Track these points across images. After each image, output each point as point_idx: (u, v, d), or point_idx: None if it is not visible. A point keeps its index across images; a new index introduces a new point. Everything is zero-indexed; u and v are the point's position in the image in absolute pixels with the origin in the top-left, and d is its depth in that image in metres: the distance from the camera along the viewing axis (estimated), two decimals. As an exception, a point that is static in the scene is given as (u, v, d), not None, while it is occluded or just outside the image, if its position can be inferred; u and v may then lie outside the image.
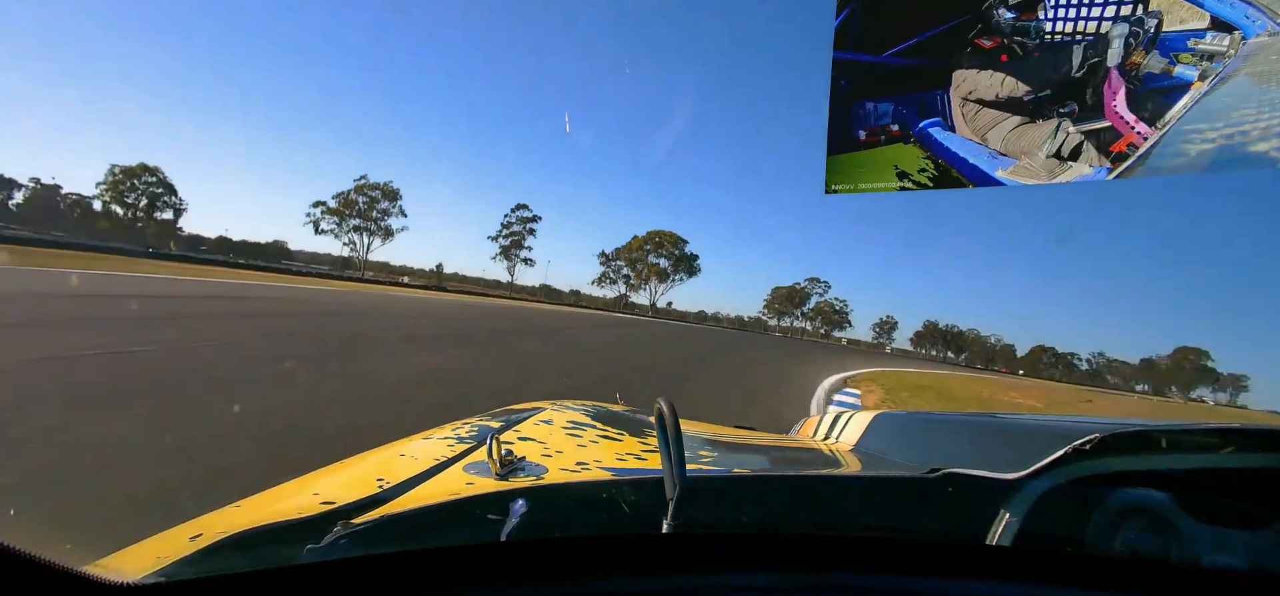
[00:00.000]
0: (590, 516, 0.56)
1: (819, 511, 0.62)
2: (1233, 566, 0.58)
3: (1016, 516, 0.58)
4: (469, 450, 0.89)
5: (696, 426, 1.42)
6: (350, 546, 0.50)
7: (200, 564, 0.48)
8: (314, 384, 4.98)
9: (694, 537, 0.56)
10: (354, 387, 5.11)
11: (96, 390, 3.82)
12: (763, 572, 0.54)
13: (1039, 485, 0.61)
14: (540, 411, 1.25)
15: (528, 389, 6.34)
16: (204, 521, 0.63)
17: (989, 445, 1.14)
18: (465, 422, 1.15)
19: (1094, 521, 0.60)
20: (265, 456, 3.06)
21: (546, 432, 1.05)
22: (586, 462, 0.88)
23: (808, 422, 1.71)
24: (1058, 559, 0.59)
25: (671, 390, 7.84)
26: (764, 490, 0.66)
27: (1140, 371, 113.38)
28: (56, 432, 2.99)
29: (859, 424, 1.41)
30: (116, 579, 0.43)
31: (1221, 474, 0.62)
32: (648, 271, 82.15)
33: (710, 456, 1.07)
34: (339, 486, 0.74)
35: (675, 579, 0.53)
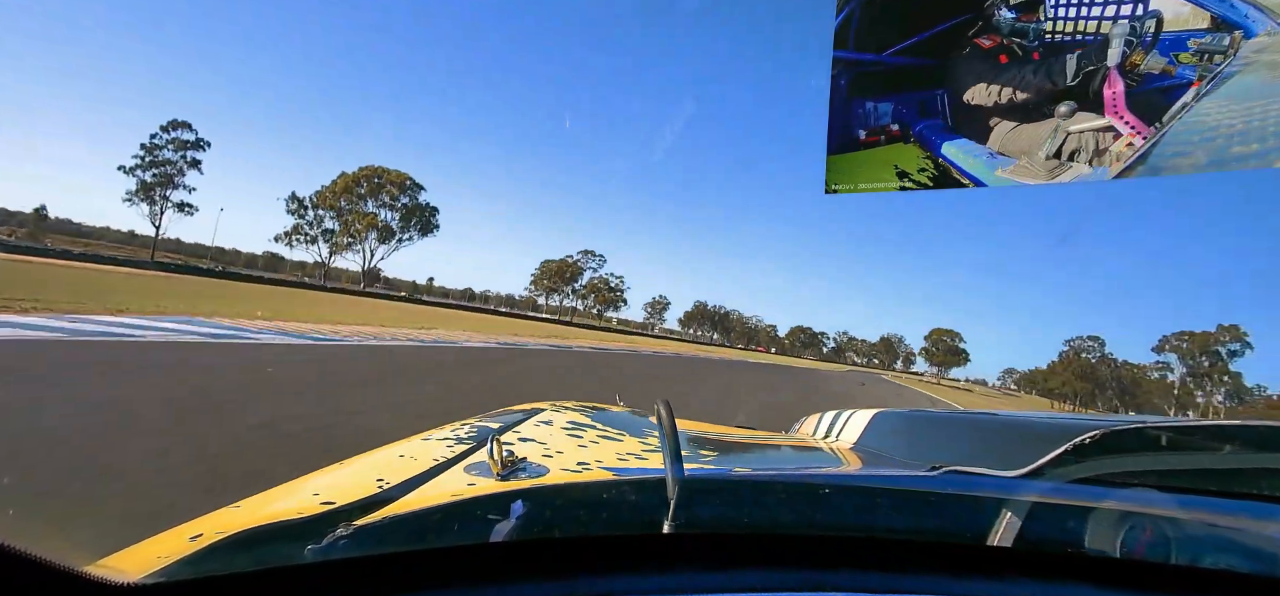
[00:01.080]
0: (590, 516, 0.55)
1: (819, 511, 0.61)
2: (1233, 567, 0.58)
3: (1018, 515, 0.58)
4: (469, 451, 0.88)
5: (697, 426, 1.46)
6: (351, 546, 0.49)
7: (200, 563, 0.48)
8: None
9: (694, 537, 0.55)
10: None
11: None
12: (763, 572, 0.53)
13: (1040, 483, 0.62)
14: (540, 412, 1.25)
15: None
16: (204, 521, 0.62)
17: (990, 443, 1.14)
18: (464, 424, 1.14)
19: (1094, 521, 0.59)
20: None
21: (547, 433, 1.05)
22: (587, 462, 0.88)
23: (807, 421, 1.70)
24: (1058, 559, 0.58)
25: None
26: (764, 489, 0.66)
27: (877, 348, 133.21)
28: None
29: (859, 422, 1.41)
30: (116, 578, 0.43)
31: (1222, 474, 0.63)
32: (360, 224, 65.61)
33: (710, 456, 1.08)
34: (339, 487, 0.74)
35: (676, 578, 0.53)
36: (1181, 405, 69.30)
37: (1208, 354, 68.18)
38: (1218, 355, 67.35)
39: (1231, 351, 67.19)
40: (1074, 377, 79.34)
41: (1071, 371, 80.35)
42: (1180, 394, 69.37)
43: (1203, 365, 68.42)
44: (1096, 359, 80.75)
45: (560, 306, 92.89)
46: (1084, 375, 78.88)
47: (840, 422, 1.49)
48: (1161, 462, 0.63)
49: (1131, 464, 0.63)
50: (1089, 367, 79.64)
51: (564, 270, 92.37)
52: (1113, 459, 0.62)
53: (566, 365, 15.77)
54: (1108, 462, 0.62)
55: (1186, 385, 69.00)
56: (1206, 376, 68.11)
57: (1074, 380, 79.08)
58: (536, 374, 12.59)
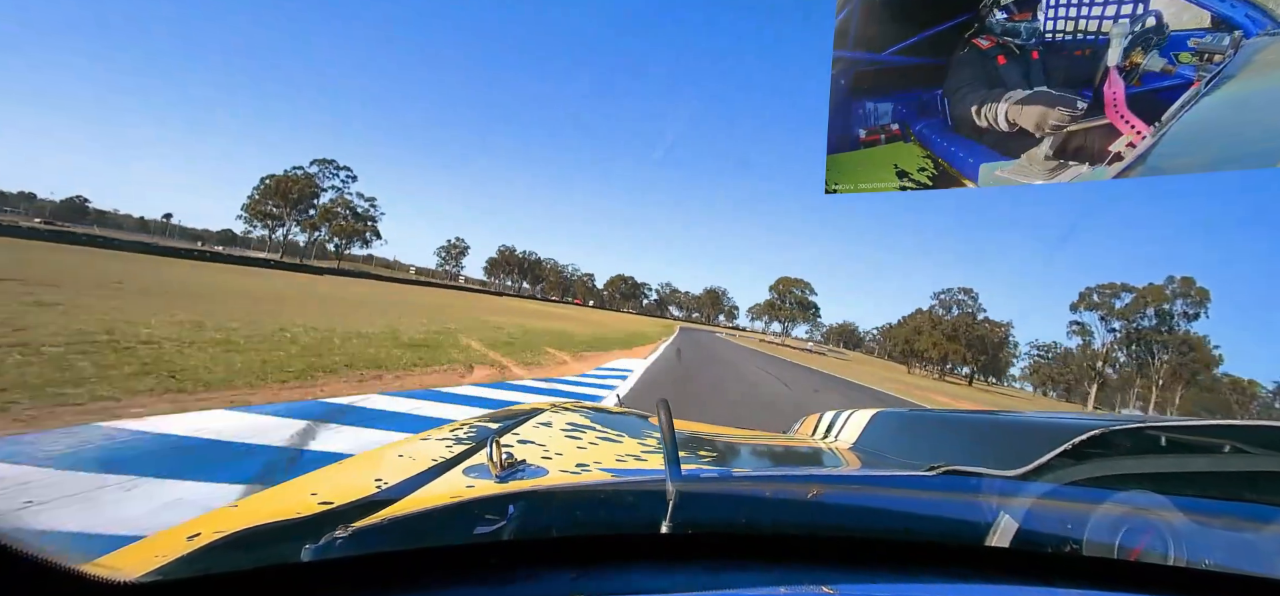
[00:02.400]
0: (589, 518, 0.56)
1: (817, 512, 0.62)
2: (1231, 567, 0.59)
3: (1015, 516, 0.58)
4: (468, 452, 0.87)
5: (696, 426, 1.45)
6: (349, 547, 0.49)
7: (198, 563, 0.48)
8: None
9: (693, 538, 0.55)
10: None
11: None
12: (761, 573, 0.54)
13: (1037, 485, 0.62)
14: (539, 413, 1.24)
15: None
16: (202, 521, 0.62)
17: (989, 442, 1.14)
18: (463, 424, 1.14)
19: (1093, 521, 0.60)
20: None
21: (546, 435, 1.04)
22: (586, 464, 0.88)
23: (807, 421, 1.71)
24: (1057, 560, 0.58)
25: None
26: (764, 490, 0.67)
27: (701, 301, 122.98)
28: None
29: (858, 422, 1.41)
30: (115, 577, 0.43)
31: (1218, 477, 0.63)
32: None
33: (709, 457, 1.07)
34: (337, 487, 0.74)
35: (674, 579, 0.52)
36: (1113, 390, 53.35)
37: (1156, 313, 49.15)
38: (1168, 316, 48.60)
39: (1187, 312, 48.25)
40: (943, 338, 63.63)
41: (939, 330, 64.86)
42: (1107, 369, 52.89)
43: (1142, 329, 50.00)
44: (968, 316, 65.84)
45: (284, 240, 63.84)
46: (952, 335, 63.54)
47: (839, 422, 1.48)
48: (1159, 465, 0.63)
49: (1129, 466, 0.64)
50: (961, 325, 64.55)
51: (285, 187, 63.05)
52: (1111, 461, 0.63)
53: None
54: (1105, 464, 0.63)
55: (1116, 357, 52.67)
56: (1144, 344, 49.84)
57: (944, 341, 63.30)
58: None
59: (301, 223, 62.25)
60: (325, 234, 63.64)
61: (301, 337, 7.59)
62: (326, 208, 62.95)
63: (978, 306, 65.73)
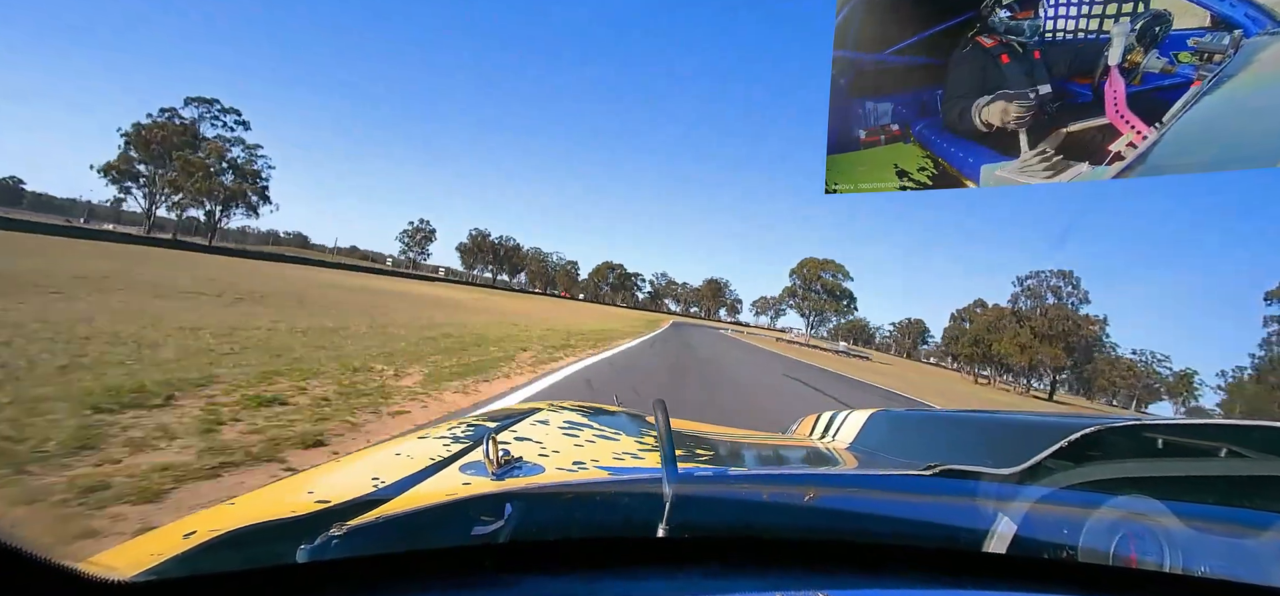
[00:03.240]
0: (586, 518, 0.56)
1: (814, 513, 0.62)
2: (1227, 575, 0.58)
3: (1012, 517, 0.58)
4: (465, 450, 0.87)
5: (694, 426, 1.45)
6: (345, 545, 0.49)
7: (193, 562, 0.48)
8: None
9: (689, 539, 0.55)
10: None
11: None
12: (758, 574, 0.54)
13: (1034, 487, 0.62)
14: (537, 411, 1.24)
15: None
16: (197, 519, 0.62)
17: (986, 442, 1.14)
18: (461, 422, 1.13)
19: (1089, 526, 0.60)
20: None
21: (543, 432, 1.04)
22: (583, 462, 0.88)
23: (805, 421, 1.70)
24: (1054, 565, 0.58)
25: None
26: (760, 490, 0.67)
27: (701, 294, 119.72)
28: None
29: (856, 422, 1.41)
30: (109, 576, 0.43)
31: (1215, 480, 0.63)
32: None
33: (707, 456, 1.07)
34: (334, 485, 0.74)
35: (671, 580, 0.53)
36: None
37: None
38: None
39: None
40: (1031, 337, 46.66)
41: (1027, 327, 47.83)
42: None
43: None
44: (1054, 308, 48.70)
45: (149, 211, 48.10)
46: (1048, 334, 46.44)
47: (837, 422, 1.48)
48: (1156, 468, 0.63)
49: (1127, 469, 0.63)
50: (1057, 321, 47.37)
51: (163, 137, 47.02)
52: (1108, 463, 0.63)
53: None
54: (1102, 465, 0.62)
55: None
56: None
57: (1033, 342, 46.38)
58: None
59: (161, 182, 46.15)
60: (186, 196, 47.09)
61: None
62: (188, 160, 46.34)
63: (1081, 295, 48.66)
